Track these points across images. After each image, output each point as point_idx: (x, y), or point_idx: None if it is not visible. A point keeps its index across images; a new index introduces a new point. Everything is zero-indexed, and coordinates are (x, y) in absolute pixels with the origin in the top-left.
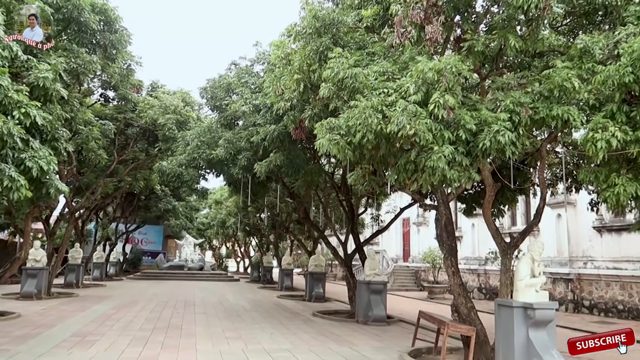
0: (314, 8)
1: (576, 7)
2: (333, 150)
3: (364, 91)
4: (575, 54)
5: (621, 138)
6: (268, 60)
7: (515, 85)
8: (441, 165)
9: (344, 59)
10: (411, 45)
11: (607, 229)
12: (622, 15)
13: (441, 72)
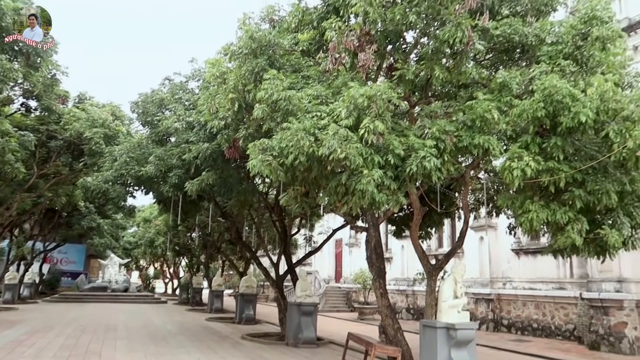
0: (251, 29)
1: (496, 44)
2: (265, 171)
3: (297, 114)
4: (496, 88)
5: (534, 167)
6: (203, 78)
7: (441, 114)
8: (370, 188)
9: (278, 81)
10: (345, 70)
11: (524, 252)
12: (537, 54)
13: (372, 99)
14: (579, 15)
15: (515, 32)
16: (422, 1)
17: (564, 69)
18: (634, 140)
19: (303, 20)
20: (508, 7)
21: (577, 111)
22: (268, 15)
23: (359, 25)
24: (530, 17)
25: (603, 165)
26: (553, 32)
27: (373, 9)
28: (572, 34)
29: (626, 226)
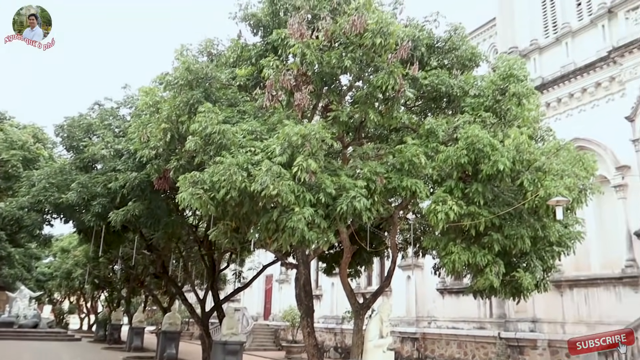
0: (188, 60)
1: (425, 92)
2: (195, 205)
3: (231, 148)
4: (424, 133)
5: (457, 211)
6: (136, 105)
7: (373, 156)
8: (301, 226)
9: (213, 114)
10: (281, 108)
11: (448, 291)
12: (461, 104)
13: (306, 137)
14: (499, 72)
15: (442, 83)
16: (357, 48)
17: (485, 120)
18: (545, 189)
19: (242, 56)
20: (436, 59)
21: (496, 160)
22: (206, 49)
23: (296, 66)
24: (456, 70)
25: (518, 212)
26: (476, 85)
27: (310, 51)
28: (492, 89)
29: (539, 269)
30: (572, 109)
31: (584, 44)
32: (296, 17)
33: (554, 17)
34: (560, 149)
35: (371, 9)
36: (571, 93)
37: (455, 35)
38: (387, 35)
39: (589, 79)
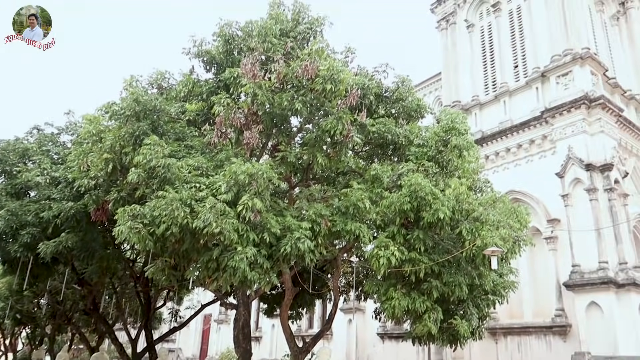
0: (137, 92)
1: (372, 139)
2: (133, 239)
3: (175, 182)
4: (369, 179)
5: (399, 257)
6: (78, 133)
7: (319, 198)
8: (243, 266)
9: (159, 147)
10: (230, 145)
11: (388, 336)
12: (406, 153)
13: (253, 176)
14: (442, 124)
15: (388, 131)
16: (308, 92)
17: (428, 169)
18: (482, 239)
19: (193, 91)
20: (384, 108)
21: (437, 208)
22: (157, 81)
23: (247, 105)
24: (402, 120)
25: (457, 260)
26: (420, 135)
27: (262, 91)
28: (436, 140)
29: (475, 317)
30: (508, 162)
31: (520, 103)
32: (250, 57)
33: (493, 76)
34: (496, 200)
35: (323, 55)
36: (508, 148)
37: (402, 86)
38: (337, 82)
39: (524, 135)
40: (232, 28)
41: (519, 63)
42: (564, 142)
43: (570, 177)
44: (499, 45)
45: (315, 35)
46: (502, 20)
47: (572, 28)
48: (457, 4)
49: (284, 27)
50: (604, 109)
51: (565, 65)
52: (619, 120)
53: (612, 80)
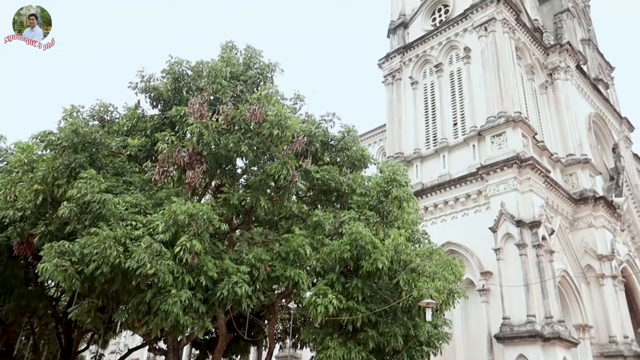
0: (77, 122)
1: (316, 185)
2: (58, 278)
3: (110, 219)
4: (311, 225)
5: (337, 305)
6: (8, 160)
7: (259, 242)
8: (176, 310)
9: (95, 181)
10: (172, 182)
11: None
12: (349, 201)
13: (193, 217)
14: (384, 175)
15: (332, 178)
16: (255, 135)
17: (369, 219)
18: (418, 290)
19: (137, 126)
20: (329, 155)
21: (376, 258)
22: (100, 113)
23: (192, 144)
24: (346, 169)
25: (393, 310)
26: (363, 185)
27: (208, 132)
28: (377, 190)
29: None
30: (446, 215)
31: (459, 159)
32: (198, 97)
33: (434, 131)
34: (433, 252)
35: (272, 101)
36: (446, 201)
37: (348, 136)
38: (284, 128)
39: (461, 190)
40: (182, 66)
41: (458, 121)
42: (498, 198)
43: (503, 232)
44: (441, 103)
45: (265, 81)
46: (444, 80)
47: (506, 93)
48: (403, 61)
49: (235, 71)
50: (533, 169)
51: (499, 127)
52: (546, 181)
53: (541, 144)
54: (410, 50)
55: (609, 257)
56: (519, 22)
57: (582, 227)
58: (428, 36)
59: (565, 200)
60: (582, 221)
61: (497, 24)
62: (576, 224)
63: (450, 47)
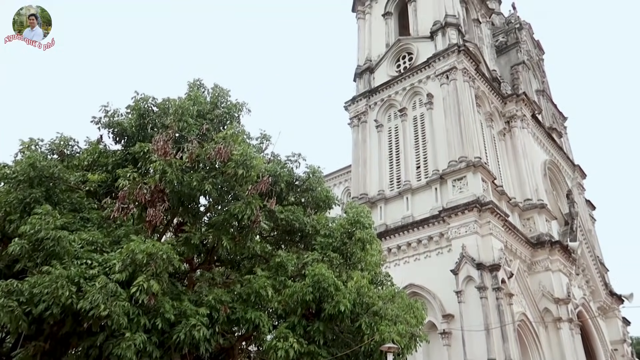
0: (34, 156)
1: (280, 225)
2: (4, 319)
3: (64, 257)
4: (274, 266)
5: (298, 349)
6: None
7: (220, 283)
8: (129, 354)
9: (51, 217)
10: (132, 220)
11: None
12: (312, 242)
13: (152, 256)
14: (348, 217)
15: (296, 219)
16: (219, 174)
17: (332, 260)
18: (380, 334)
19: (98, 161)
20: (294, 196)
21: (338, 300)
22: (60, 147)
23: (154, 181)
24: (311, 209)
25: (355, 354)
26: (327, 226)
27: (172, 170)
28: (341, 232)
29: None
30: (409, 256)
31: (421, 201)
32: (163, 134)
33: (398, 173)
34: (395, 295)
35: (238, 140)
36: (409, 242)
37: (313, 177)
38: (250, 167)
39: (424, 232)
40: (148, 103)
41: (422, 164)
42: (459, 241)
43: (464, 274)
44: (404, 146)
45: (232, 120)
46: (408, 125)
47: (467, 138)
48: (369, 105)
49: (202, 109)
50: (493, 213)
51: (460, 171)
52: (505, 225)
53: (500, 188)
54: (375, 94)
55: (565, 301)
56: (478, 72)
57: (539, 271)
58: (393, 81)
59: (523, 244)
60: (539, 265)
61: (458, 73)
62: (534, 268)
63: (414, 93)
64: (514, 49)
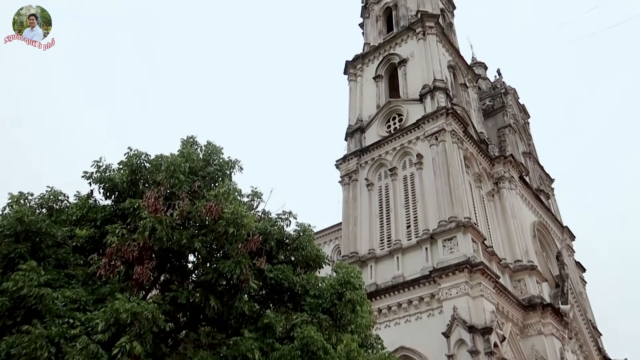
0: (22, 210)
1: (269, 284)
2: None
3: (45, 316)
4: (262, 327)
5: None
6: None
7: (206, 344)
8: None
9: (35, 274)
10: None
11: None
12: (302, 302)
13: (137, 316)
14: (338, 277)
15: (285, 278)
16: (209, 232)
17: (321, 322)
18: None
19: (87, 216)
20: (284, 254)
21: None
22: (49, 202)
23: (143, 238)
24: (301, 269)
25: None
26: (317, 286)
27: (162, 227)
28: (331, 292)
29: None
30: (400, 318)
31: (412, 261)
32: (154, 191)
33: (389, 232)
34: (386, 359)
35: (230, 198)
36: (400, 303)
37: (303, 235)
38: (240, 226)
39: (414, 292)
40: (140, 159)
41: (412, 223)
42: (450, 302)
43: (455, 337)
44: (395, 205)
45: (224, 177)
46: (398, 184)
47: (456, 198)
48: (360, 163)
49: (194, 166)
50: (484, 274)
51: (450, 231)
52: (496, 286)
53: (490, 249)
54: (366, 154)
55: None
56: (466, 134)
57: (532, 334)
58: (383, 141)
59: (515, 306)
60: (531, 328)
61: (446, 135)
62: (526, 331)
63: (404, 153)
64: (500, 112)
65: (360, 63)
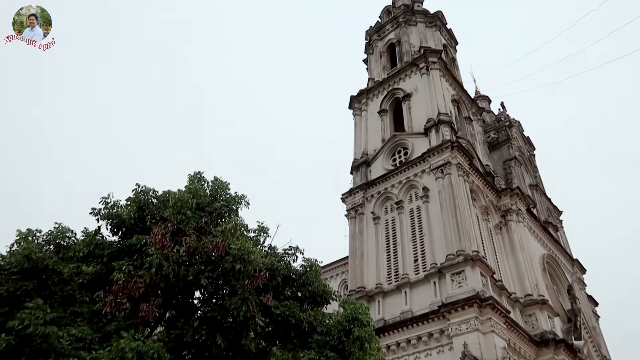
0: (30, 248)
1: (275, 321)
2: None
3: (51, 355)
4: None
5: None
6: None
7: None
8: None
9: (41, 312)
10: (124, 315)
11: None
12: (309, 339)
13: (142, 355)
14: (345, 313)
15: (292, 315)
16: (216, 268)
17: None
18: None
19: (94, 252)
20: (291, 290)
21: None
22: (56, 239)
23: (149, 275)
24: (307, 305)
25: None
26: (324, 323)
27: (168, 263)
28: (339, 329)
29: None
30: (409, 354)
31: (420, 295)
32: (161, 227)
33: (396, 266)
34: None
35: (236, 235)
36: (408, 339)
37: (310, 271)
38: (247, 262)
39: (423, 328)
40: (148, 195)
41: (419, 257)
42: (460, 338)
43: None
44: (401, 238)
45: (231, 213)
46: (404, 217)
47: (464, 231)
48: (366, 197)
49: (201, 202)
50: (494, 309)
51: (458, 265)
52: (507, 322)
53: (499, 283)
54: (372, 187)
55: None
56: (472, 167)
57: None
58: (389, 175)
59: (527, 342)
60: None
61: (452, 168)
62: None
63: (410, 186)
64: (505, 145)
65: (365, 98)
